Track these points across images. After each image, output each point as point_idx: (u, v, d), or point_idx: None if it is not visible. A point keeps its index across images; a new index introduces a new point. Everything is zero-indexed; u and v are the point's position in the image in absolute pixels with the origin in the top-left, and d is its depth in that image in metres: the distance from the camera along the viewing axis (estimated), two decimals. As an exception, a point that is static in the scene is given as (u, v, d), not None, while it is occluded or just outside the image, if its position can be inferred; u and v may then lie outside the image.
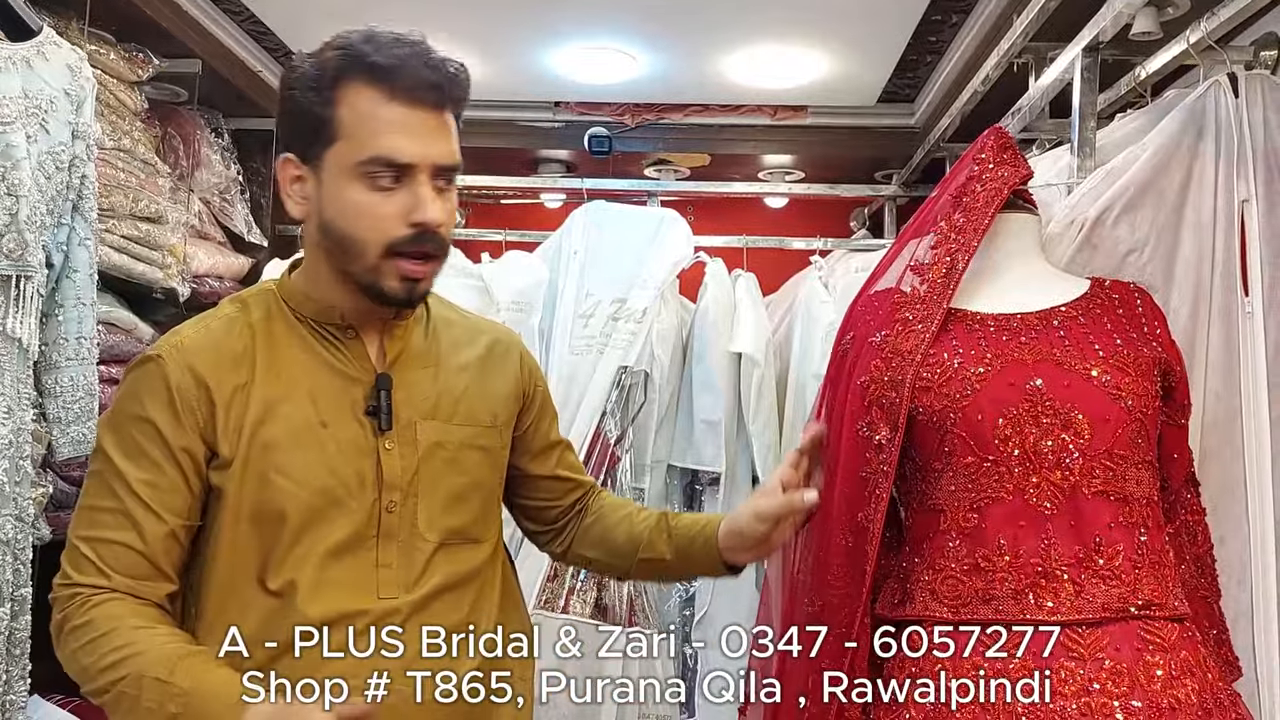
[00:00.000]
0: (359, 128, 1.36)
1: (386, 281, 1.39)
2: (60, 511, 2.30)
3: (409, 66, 1.37)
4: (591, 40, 3.19)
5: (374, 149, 1.36)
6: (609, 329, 3.10)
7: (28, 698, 1.84)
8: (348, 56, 1.38)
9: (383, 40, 1.39)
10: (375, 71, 1.36)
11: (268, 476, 1.39)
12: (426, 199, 1.37)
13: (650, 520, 1.64)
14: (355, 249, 1.39)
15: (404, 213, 1.37)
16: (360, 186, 1.37)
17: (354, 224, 1.38)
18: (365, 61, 1.37)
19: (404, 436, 1.45)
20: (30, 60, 1.81)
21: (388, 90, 1.36)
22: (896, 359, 1.65)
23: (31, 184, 1.77)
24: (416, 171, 1.37)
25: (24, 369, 1.82)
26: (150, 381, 1.40)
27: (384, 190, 1.37)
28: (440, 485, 1.48)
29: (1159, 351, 1.63)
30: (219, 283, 3.05)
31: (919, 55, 3.28)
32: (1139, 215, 1.82)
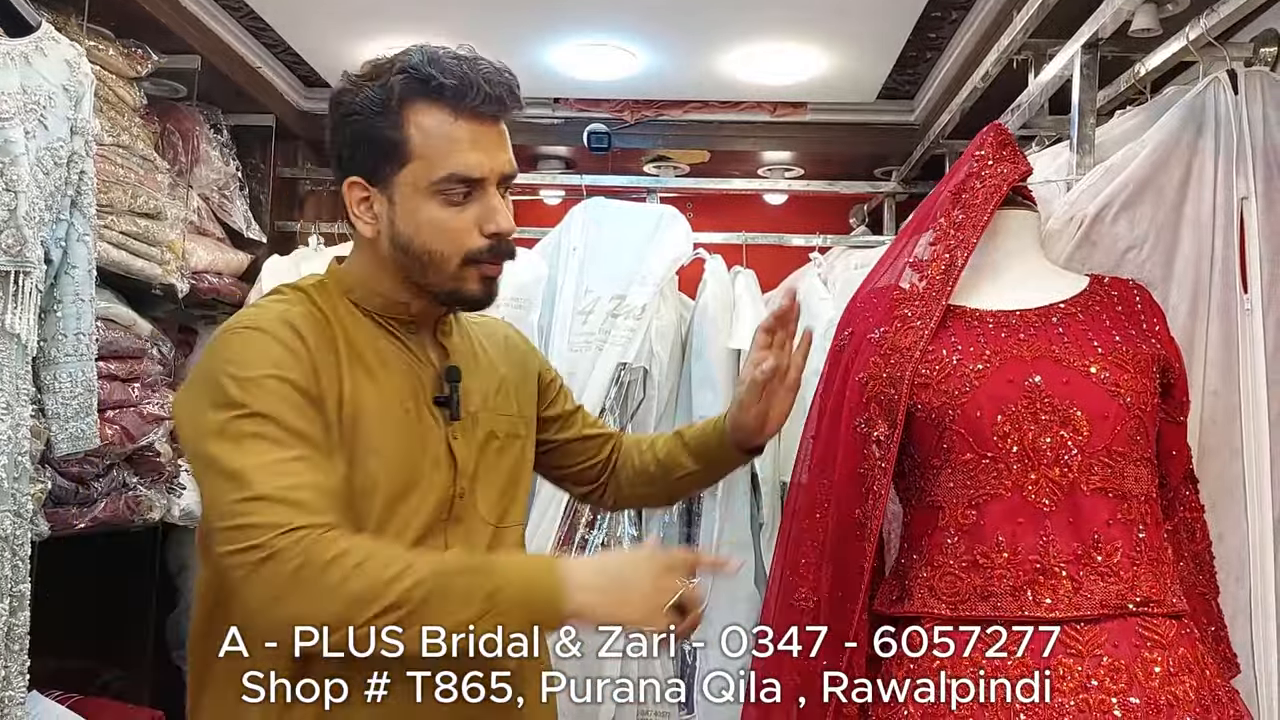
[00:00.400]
0: (430, 148, 1.41)
1: (468, 286, 1.46)
2: (59, 508, 2.30)
3: (472, 84, 1.40)
4: (591, 37, 3.18)
5: (449, 167, 1.41)
6: (608, 325, 3.10)
7: (26, 693, 1.84)
8: (413, 79, 1.41)
9: (443, 59, 1.42)
10: (443, 91, 1.40)
11: (359, 452, 1.41)
12: (499, 209, 1.44)
13: (667, 443, 1.79)
14: (435, 262, 1.44)
15: (478, 224, 1.43)
16: (435, 203, 1.42)
17: (432, 239, 1.43)
18: (431, 83, 1.40)
19: (466, 425, 1.52)
20: (29, 56, 1.80)
21: (454, 109, 1.40)
22: (895, 356, 1.65)
23: (30, 180, 1.77)
24: (486, 184, 1.43)
25: (23, 365, 1.81)
26: (264, 345, 1.38)
27: (457, 205, 1.43)
28: (494, 472, 1.55)
29: (1158, 348, 1.63)
30: (218, 279, 3.05)
31: (919, 51, 3.28)
32: (1138, 212, 1.82)
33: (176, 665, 3.42)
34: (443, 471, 1.47)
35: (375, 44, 3.22)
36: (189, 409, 1.40)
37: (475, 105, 1.40)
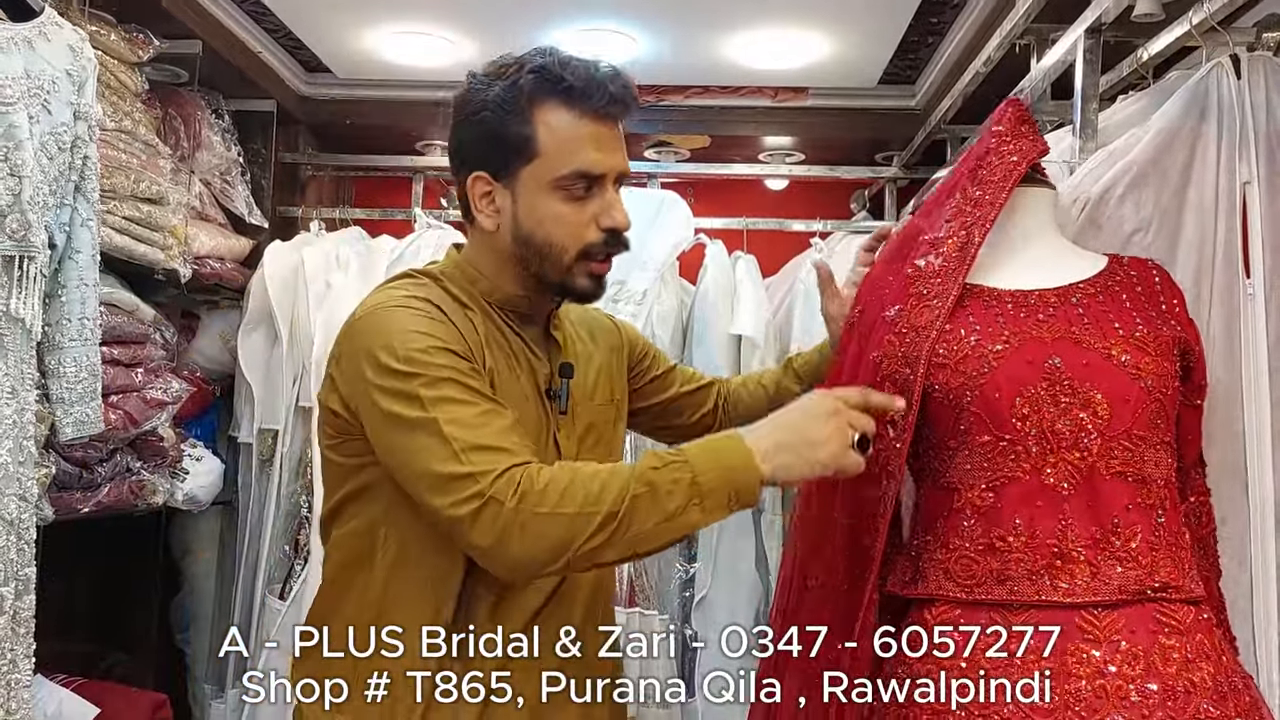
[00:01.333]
0: (556, 145, 1.49)
1: (578, 280, 1.53)
2: (63, 492, 2.30)
3: (598, 85, 1.50)
4: (591, 21, 3.17)
5: (573, 164, 1.49)
6: (609, 310, 3.09)
7: (33, 677, 1.85)
8: (542, 79, 1.49)
9: (571, 61, 1.52)
10: (570, 92, 1.49)
11: None
12: (615, 204, 1.52)
13: (775, 376, 1.94)
14: (553, 254, 1.51)
15: (595, 218, 1.51)
16: (557, 198, 1.50)
17: (553, 232, 1.50)
18: (560, 84, 1.49)
19: (569, 418, 1.60)
20: (32, 41, 1.80)
21: (579, 109, 1.49)
22: (911, 334, 1.62)
23: (34, 165, 1.76)
24: (605, 181, 1.51)
25: (27, 350, 1.81)
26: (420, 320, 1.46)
27: (578, 200, 1.50)
28: (593, 460, 1.54)
29: (1178, 330, 1.61)
30: (220, 264, 3.05)
31: (920, 37, 3.27)
32: (1143, 195, 1.81)
33: (179, 649, 3.44)
34: (547, 458, 1.51)
35: (376, 30, 3.24)
36: (362, 385, 1.45)
37: (600, 106, 1.49)
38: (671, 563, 3.17)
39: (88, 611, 2.88)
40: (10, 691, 1.76)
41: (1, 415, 1.74)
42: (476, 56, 3.34)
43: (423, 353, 1.42)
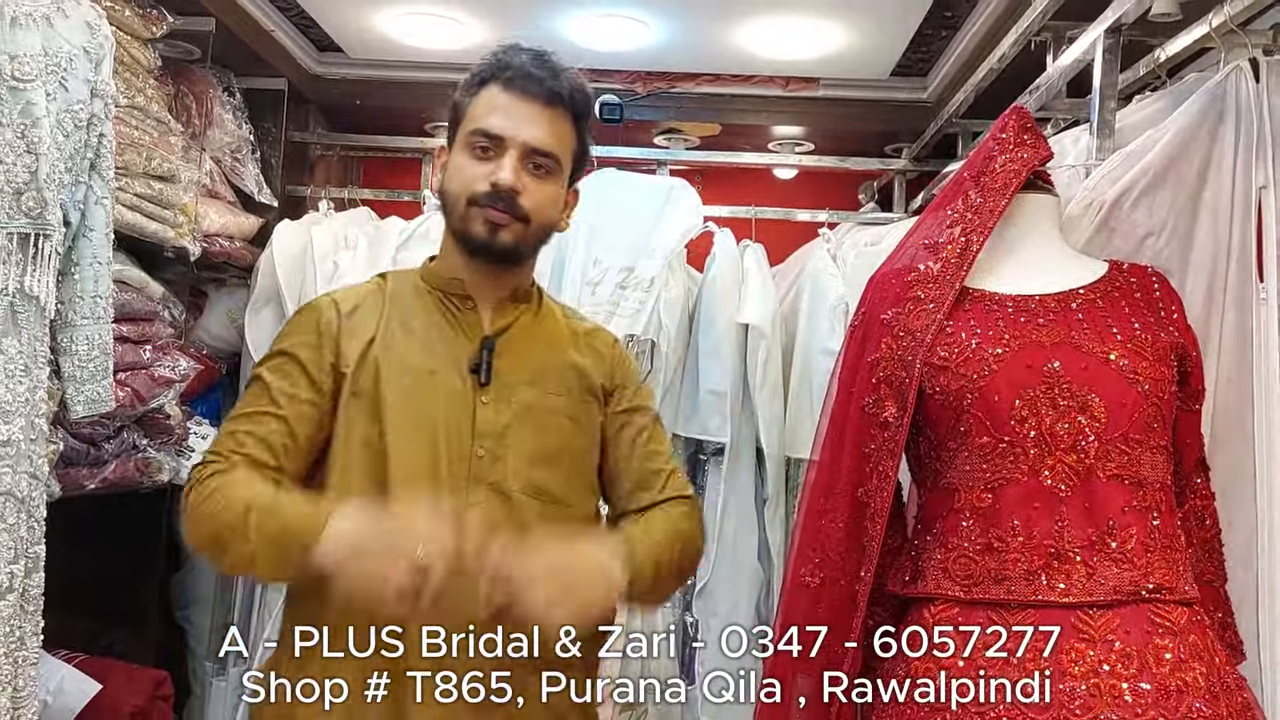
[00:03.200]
0: (475, 110, 1.67)
1: (474, 227, 1.64)
2: (70, 468, 2.31)
3: (525, 66, 1.66)
4: (606, 7, 3.17)
5: (478, 123, 1.65)
6: (616, 297, 3.10)
7: (40, 653, 1.85)
8: (491, 65, 1.69)
9: (523, 54, 1.68)
10: (503, 73, 1.67)
11: (381, 409, 1.62)
12: (507, 166, 1.63)
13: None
14: (451, 201, 1.67)
15: (488, 176, 1.63)
16: (465, 155, 1.66)
17: (454, 180, 1.67)
18: (501, 70, 1.67)
19: (501, 395, 1.67)
20: (50, 17, 1.79)
21: (503, 83, 1.66)
22: (907, 338, 1.65)
23: (51, 142, 1.76)
24: (508, 145, 1.64)
25: (41, 327, 1.81)
26: (303, 320, 1.71)
27: (479, 159, 1.65)
28: (528, 442, 1.66)
29: (1176, 336, 1.64)
30: (229, 242, 3.05)
31: (934, 30, 3.26)
32: (1157, 199, 1.82)
33: (181, 626, 3.45)
34: (462, 430, 1.63)
35: (389, 10, 3.23)
36: None
37: (518, 80, 1.65)
38: (673, 550, 3.17)
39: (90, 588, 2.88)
40: (18, 669, 1.77)
41: (15, 393, 1.74)
42: (488, 39, 3.33)
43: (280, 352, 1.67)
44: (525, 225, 1.65)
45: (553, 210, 1.70)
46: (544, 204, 1.67)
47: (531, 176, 1.65)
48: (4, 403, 1.73)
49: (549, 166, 1.67)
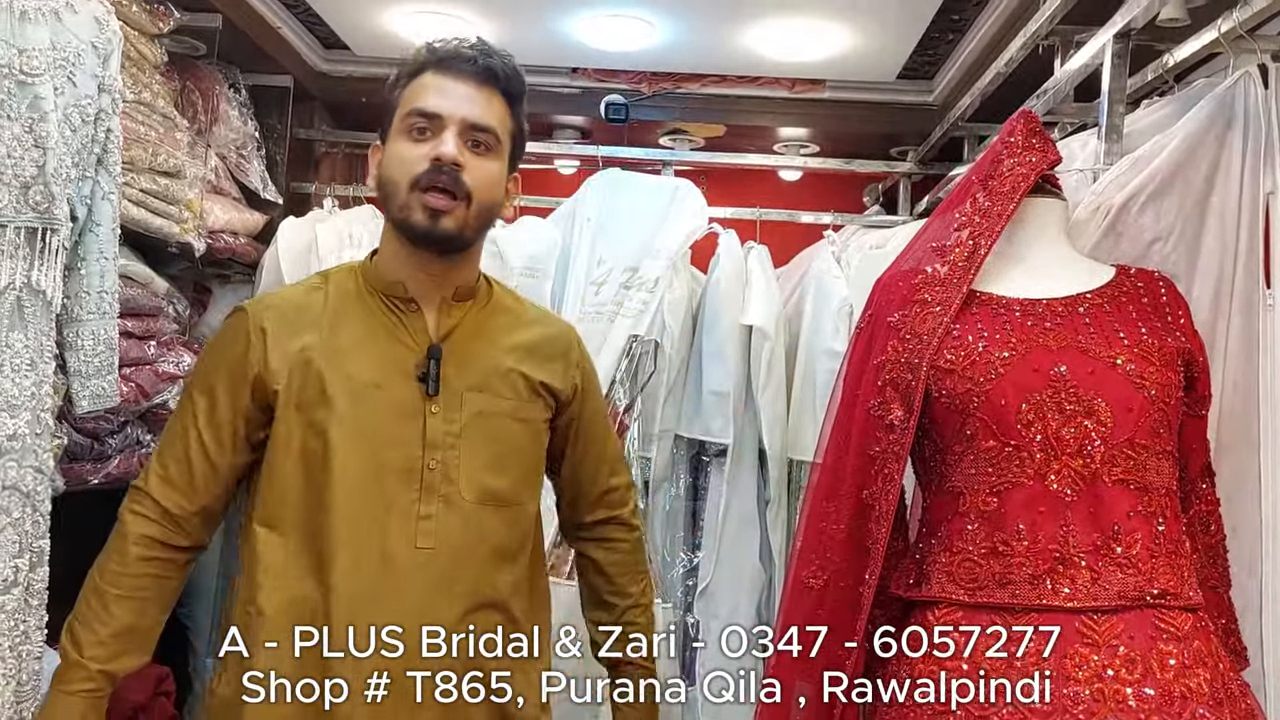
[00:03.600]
0: (407, 95, 1.67)
1: (414, 215, 1.62)
2: (74, 463, 2.31)
3: (457, 49, 1.68)
4: (612, 7, 3.16)
5: (413, 104, 1.65)
6: (620, 297, 3.10)
7: (44, 648, 1.85)
8: (419, 57, 1.69)
9: (449, 43, 1.70)
10: (431, 59, 1.67)
11: (322, 424, 1.59)
12: (448, 140, 1.62)
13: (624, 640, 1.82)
14: (391, 189, 1.64)
15: (429, 154, 1.62)
16: (402, 140, 1.64)
17: (394, 168, 1.64)
18: (430, 58, 1.68)
19: (450, 403, 1.64)
20: (59, 12, 1.79)
21: (435, 69, 1.67)
22: (914, 341, 1.65)
23: (58, 137, 1.76)
24: (446, 123, 1.63)
25: (48, 322, 1.81)
26: (231, 328, 1.69)
27: (417, 141, 1.63)
28: (481, 450, 1.65)
29: (1182, 341, 1.64)
30: (234, 238, 3.05)
31: (940, 33, 3.26)
32: (1165, 204, 1.82)
33: (182, 623, 3.44)
34: (411, 443, 1.61)
35: (397, 8, 3.23)
36: None
37: (449, 61, 1.66)
38: (675, 551, 3.17)
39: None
40: (21, 663, 1.77)
41: (21, 387, 1.74)
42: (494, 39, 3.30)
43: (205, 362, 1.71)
44: (467, 206, 1.62)
45: (495, 190, 1.67)
46: (486, 182, 1.65)
47: (472, 153, 1.63)
48: (10, 397, 1.73)
49: (489, 143, 1.65)
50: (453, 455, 1.62)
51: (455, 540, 1.61)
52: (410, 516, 1.59)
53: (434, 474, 1.61)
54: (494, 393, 1.68)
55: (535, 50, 3.48)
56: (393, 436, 1.61)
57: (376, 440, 1.60)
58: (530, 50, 3.48)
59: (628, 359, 3.06)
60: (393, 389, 1.63)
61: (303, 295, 1.72)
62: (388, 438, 1.61)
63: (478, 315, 1.73)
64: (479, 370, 1.68)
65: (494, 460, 1.66)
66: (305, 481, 1.60)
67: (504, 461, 1.68)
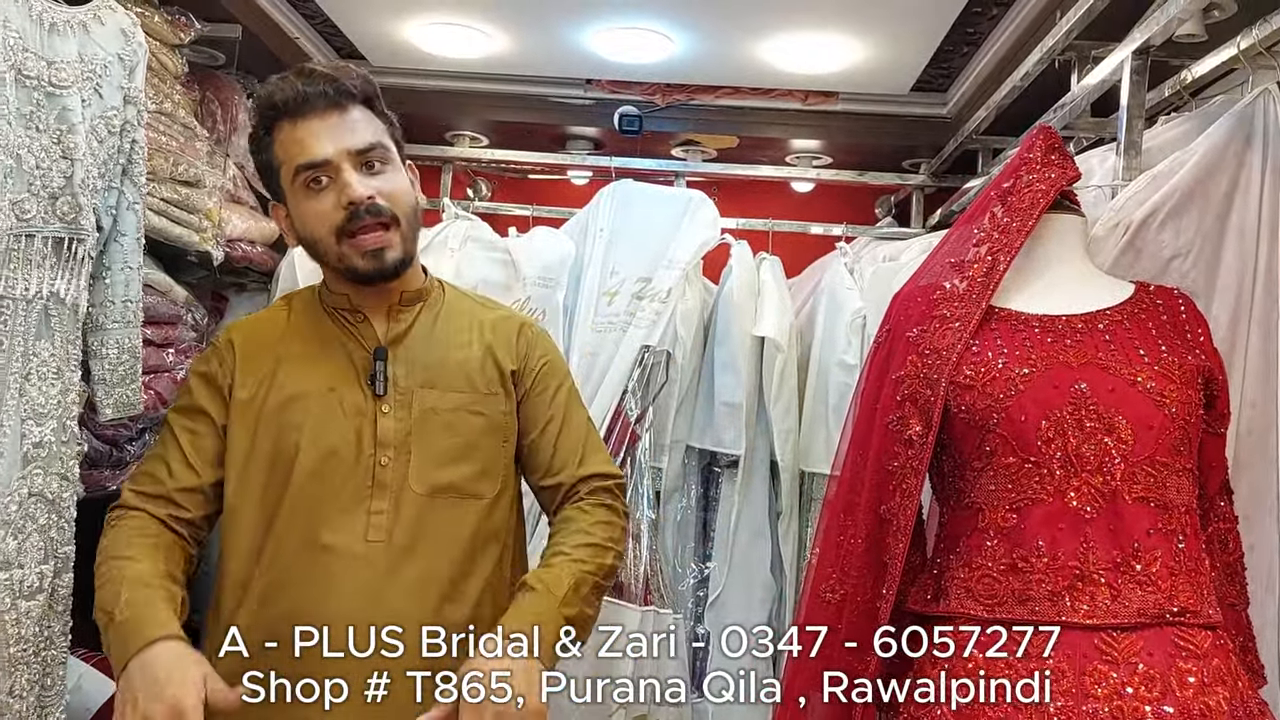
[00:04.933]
0: (284, 153, 1.69)
1: (354, 262, 1.68)
2: (94, 469, 2.32)
3: (295, 90, 1.67)
4: (627, 20, 3.17)
5: (295, 161, 1.67)
6: (633, 307, 3.10)
7: (68, 653, 1.86)
8: (263, 111, 1.71)
9: (279, 84, 1.70)
10: (283, 109, 1.68)
11: (284, 428, 1.69)
12: (351, 182, 1.64)
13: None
14: (319, 246, 1.70)
15: (339, 203, 1.65)
16: (304, 196, 1.68)
17: (311, 226, 1.69)
18: (274, 109, 1.69)
19: (400, 401, 1.71)
20: (87, 25, 1.81)
21: (290, 116, 1.67)
22: (933, 356, 1.65)
23: (85, 148, 1.77)
24: (338, 163, 1.66)
25: (74, 331, 1.83)
26: (208, 352, 1.79)
27: (319, 191, 1.66)
28: (433, 445, 1.70)
29: (1202, 359, 1.64)
30: (250, 247, 3.06)
31: (954, 46, 3.27)
32: (1184, 221, 1.82)
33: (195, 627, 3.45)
34: (364, 442, 1.68)
35: (413, 19, 3.24)
36: None
37: (300, 104, 1.66)
38: (686, 562, 3.18)
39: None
40: (46, 667, 1.78)
41: (48, 395, 1.75)
42: (510, 49, 3.35)
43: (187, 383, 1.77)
44: (398, 226, 1.69)
45: (410, 195, 1.73)
46: (399, 193, 1.70)
47: (372, 175, 1.68)
48: (38, 406, 1.74)
49: (382, 157, 1.70)
50: (403, 452, 1.68)
51: (407, 534, 1.66)
52: (362, 512, 1.66)
53: (385, 470, 1.67)
54: (445, 388, 1.74)
55: (549, 61, 3.50)
56: (345, 437, 1.68)
57: (331, 441, 1.68)
58: (544, 61, 3.50)
59: (640, 369, 3.07)
60: (346, 392, 1.70)
61: (269, 315, 1.85)
62: (341, 438, 1.68)
63: (428, 317, 1.80)
64: (429, 368, 1.75)
65: (448, 454, 1.71)
66: (266, 481, 1.68)
67: (460, 454, 1.72)
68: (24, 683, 1.72)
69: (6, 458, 1.70)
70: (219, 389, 1.73)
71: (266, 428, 1.70)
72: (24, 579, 1.73)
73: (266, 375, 1.72)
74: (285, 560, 1.65)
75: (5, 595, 1.70)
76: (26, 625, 1.73)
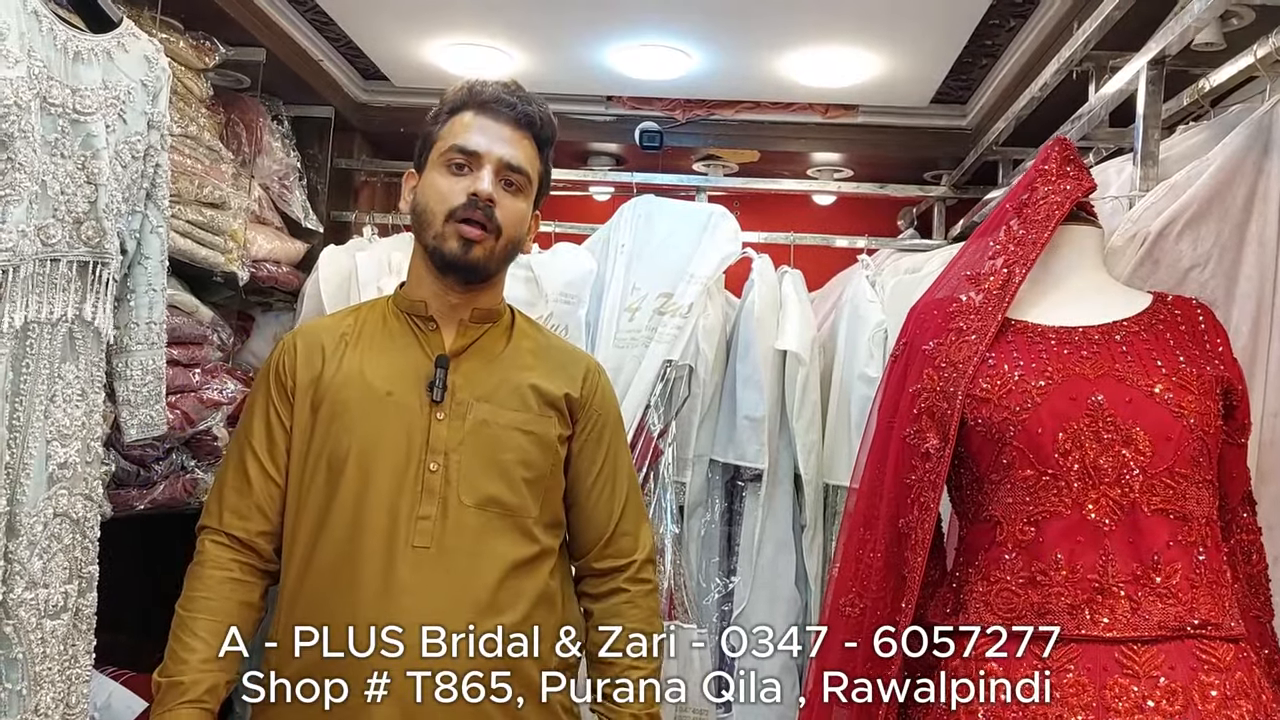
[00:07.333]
0: (449, 131, 1.80)
1: (448, 243, 1.75)
2: (120, 489, 2.35)
3: (496, 94, 1.81)
4: (647, 38, 3.19)
5: (453, 140, 1.78)
6: (655, 323, 3.11)
7: (92, 672, 1.88)
8: (461, 94, 1.82)
9: (491, 85, 1.82)
10: (474, 99, 1.81)
11: (337, 429, 1.74)
12: (484, 179, 1.75)
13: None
14: (426, 217, 1.77)
15: (466, 189, 1.75)
16: (441, 172, 1.78)
17: (430, 198, 1.77)
18: (472, 97, 1.81)
19: (456, 411, 1.75)
20: (111, 52, 1.84)
21: (477, 109, 1.80)
22: (949, 369, 1.65)
23: (110, 173, 1.80)
24: (484, 161, 1.76)
25: (98, 353, 1.85)
26: (274, 356, 1.84)
27: (455, 175, 1.76)
28: (482, 457, 1.74)
29: (1221, 370, 1.62)
30: (276, 267, 3.09)
31: (973, 58, 3.27)
32: (1202, 230, 1.81)
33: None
34: (414, 447, 1.72)
35: (435, 40, 3.28)
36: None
37: (488, 103, 1.79)
38: (711, 577, 3.18)
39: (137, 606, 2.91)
40: (70, 686, 1.80)
41: (73, 416, 1.78)
42: (531, 69, 3.38)
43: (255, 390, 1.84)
44: (496, 239, 1.76)
45: (521, 227, 1.81)
46: (514, 218, 1.78)
47: (505, 192, 1.77)
48: (62, 426, 1.77)
49: (520, 184, 1.79)
50: (454, 460, 1.72)
51: (451, 542, 1.69)
52: (410, 517, 1.69)
53: (434, 477, 1.71)
54: (500, 404, 1.78)
55: (570, 79, 3.52)
56: (397, 441, 1.72)
57: (384, 444, 1.72)
58: (565, 79, 3.52)
59: (662, 384, 3.08)
60: (403, 396, 1.75)
61: (335, 320, 1.90)
62: (393, 442, 1.72)
63: (495, 336, 1.85)
64: (488, 383, 1.79)
65: (497, 468, 1.74)
66: (322, 482, 1.72)
67: (508, 469, 1.75)
68: (49, 700, 1.74)
69: (33, 479, 1.72)
70: (285, 403, 1.79)
71: (323, 425, 1.75)
72: (49, 598, 1.76)
73: (328, 375, 1.78)
74: (330, 562, 1.69)
75: (31, 614, 1.73)
76: (52, 644, 1.75)
